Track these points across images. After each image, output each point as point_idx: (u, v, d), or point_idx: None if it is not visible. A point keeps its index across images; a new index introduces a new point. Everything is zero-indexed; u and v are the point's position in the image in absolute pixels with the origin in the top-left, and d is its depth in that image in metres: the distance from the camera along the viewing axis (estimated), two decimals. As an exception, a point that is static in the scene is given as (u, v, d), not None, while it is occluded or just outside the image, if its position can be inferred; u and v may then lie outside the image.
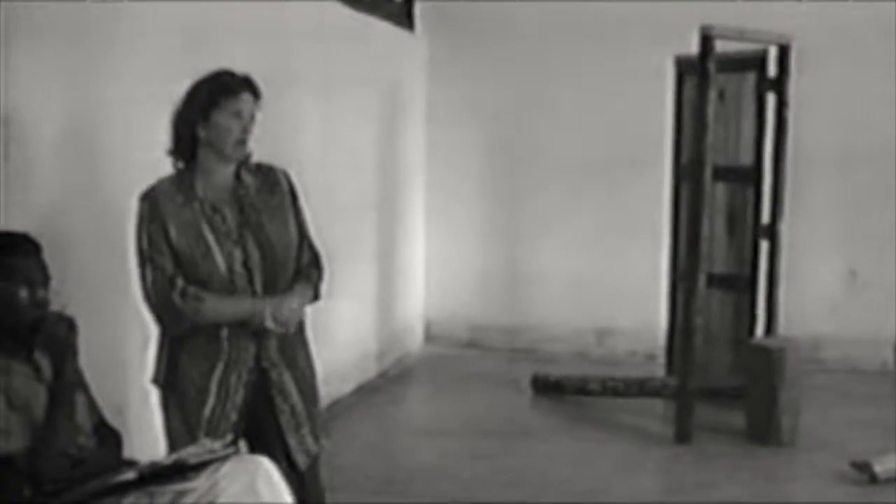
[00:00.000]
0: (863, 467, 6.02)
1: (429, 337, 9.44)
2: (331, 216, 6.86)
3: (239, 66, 4.26)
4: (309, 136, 6.80)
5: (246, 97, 4.11)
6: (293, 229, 4.25)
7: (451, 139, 9.30)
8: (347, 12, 7.39)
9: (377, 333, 8.22)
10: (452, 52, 9.23)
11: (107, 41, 4.63)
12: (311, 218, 4.40)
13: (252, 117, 4.13)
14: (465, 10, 9.17)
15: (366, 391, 7.75)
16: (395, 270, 8.71)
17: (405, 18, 8.87)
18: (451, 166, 9.33)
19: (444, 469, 6.18)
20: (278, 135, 6.04)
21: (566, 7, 8.94)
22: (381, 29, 8.22)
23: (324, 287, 4.37)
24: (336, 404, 7.16)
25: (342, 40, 7.28)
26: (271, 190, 4.24)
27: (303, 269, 4.27)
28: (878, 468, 5.98)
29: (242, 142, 4.11)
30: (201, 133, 4.09)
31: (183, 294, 4.01)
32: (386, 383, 8.10)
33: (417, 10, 9.05)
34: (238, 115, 4.08)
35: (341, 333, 7.33)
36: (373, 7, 7.95)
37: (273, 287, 4.14)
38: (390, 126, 8.53)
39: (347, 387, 7.53)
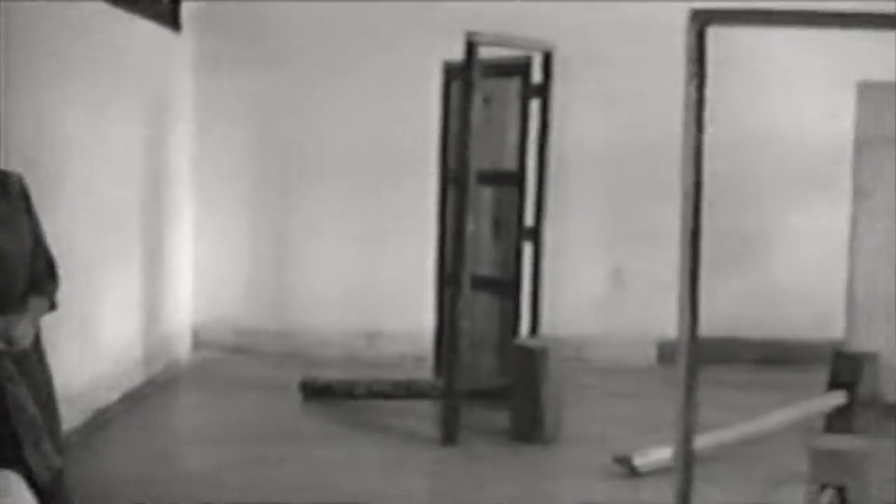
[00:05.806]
0: (624, 461, 6.22)
1: (197, 343, 9.30)
2: (95, 222, 6.72)
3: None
4: (69, 139, 6.61)
5: None
6: (27, 236, 4.10)
7: (219, 142, 9.20)
8: (106, 7, 7.18)
9: (143, 340, 8.06)
10: (221, 53, 9.13)
11: None
12: (71, 224, 4.29)
13: None
14: (233, 10, 9.08)
15: (133, 399, 7.59)
16: (163, 276, 8.55)
17: (170, 18, 8.70)
18: (219, 170, 9.22)
19: (213, 476, 6.12)
20: (32, 139, 5.87)
21: (338, 9, 8.95)
22: (146, 28, 8.05)
23: (59, 295, 4.23)
24: (102, 413, 6.99)
25: (104, 37, 7.10)
26: (3, 196, 4.08)
27: (38, 279, 4.13)
28: (639, 461, 6.19)
29: None
30: None
31: None
32: (153, 390, 7.94)
33: (184, 10, 8.89)
34: None
35: (106, 341, 7.17)
36: (136, 6, 7.74)
37: (7, 297, 3.99)
38: (157, 129, 8.37)
39: (113, 395, 7.35)
